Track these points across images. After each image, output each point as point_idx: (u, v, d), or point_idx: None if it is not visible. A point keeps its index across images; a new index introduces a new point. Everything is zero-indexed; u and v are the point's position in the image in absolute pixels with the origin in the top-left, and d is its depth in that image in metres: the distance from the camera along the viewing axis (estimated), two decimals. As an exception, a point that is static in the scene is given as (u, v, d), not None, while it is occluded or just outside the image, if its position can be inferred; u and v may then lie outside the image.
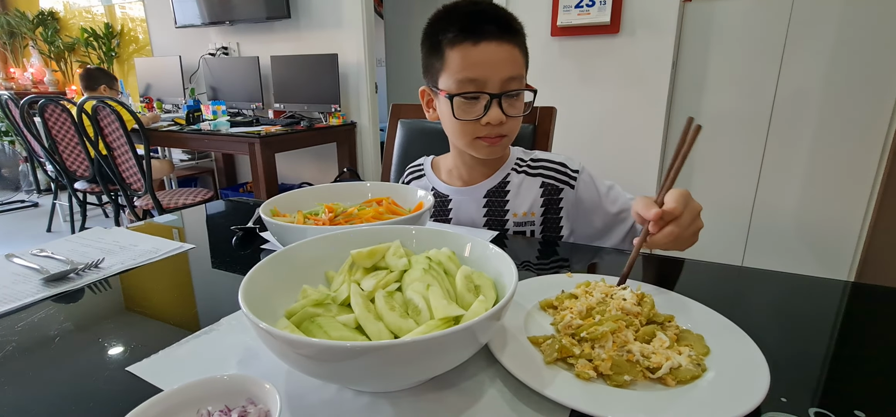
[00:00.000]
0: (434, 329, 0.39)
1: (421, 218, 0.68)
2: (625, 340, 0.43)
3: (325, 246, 0.53)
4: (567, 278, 0.60)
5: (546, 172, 0.92)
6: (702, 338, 0.46)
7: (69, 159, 2.81)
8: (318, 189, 0.81)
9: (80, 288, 0.63)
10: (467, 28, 0.79)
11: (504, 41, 0.79)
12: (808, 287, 0.64)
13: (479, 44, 0.78)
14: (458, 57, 0.80)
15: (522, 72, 0.83)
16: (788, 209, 2.30)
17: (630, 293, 0.50)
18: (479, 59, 0.78)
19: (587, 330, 0.44)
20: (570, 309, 0.49)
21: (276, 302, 0.45)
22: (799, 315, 0.56)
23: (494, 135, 0.84)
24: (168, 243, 0.77)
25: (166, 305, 0.59)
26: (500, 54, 0.79)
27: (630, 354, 0.41)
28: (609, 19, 2.28)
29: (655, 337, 0.44)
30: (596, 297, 0.50)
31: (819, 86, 2.12)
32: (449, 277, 0.47)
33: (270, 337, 0.34)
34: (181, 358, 0.46)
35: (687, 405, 0.37)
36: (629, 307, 0.47)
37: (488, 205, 0.93)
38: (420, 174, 1.04)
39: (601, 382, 0.40)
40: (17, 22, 4.57)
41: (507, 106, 0.81)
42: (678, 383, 0.39)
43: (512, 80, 0.80)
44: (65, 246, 0.76)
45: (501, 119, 0.81)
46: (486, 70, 0.79)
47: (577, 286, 0.55)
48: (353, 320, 0.41)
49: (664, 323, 0.48)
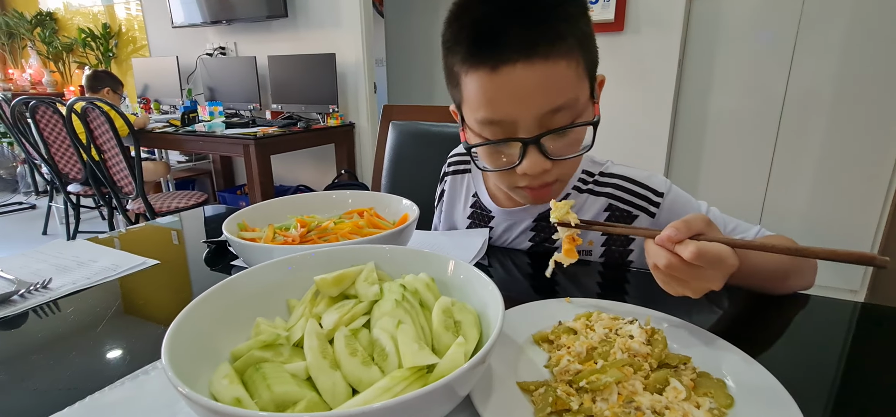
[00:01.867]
0: (400, 381, 0.32)
1: (403, 233, 0.61)
2: (632, 391, 0.36)
3: (284, 271, 0.46)
4: (566, 304, 0.52)
5: (616, 192, 0.70)
6: (723, 385, 0.38)
7: (61, 161, 2.76)
8: (293, 199, 0.74)
9: (23, 312, 0.56)
10: (481, 45, 0.54)
11: (537, 58, 0.52)
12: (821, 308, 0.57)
13: (498, 70, 0.53)
14: (474, 88, 0.56)
15: (575, 95, 0.55)
16: (799, 212, 2.21)
17: (638, 329, 0.43)
18: (502, 93, 0.54)
19: (587, 378, 0.37)
20: (567, 349, 0.42)
21: (225, 340, 0.39)
22: (813, 342, 0.49)
23: (538, 184, 0.61)
24: (130, 259, 0.71)
25: (108, 335, 0.52)
26: (531, 82, 0.53)
27: (639, 413, 0.34)
28: (613, 17, 2.21)
29: (669, 386, 0.37)
30: (598, 334, 0.43)
31: (831, 85, 2.04)
32: (425, 310, 0.41)
33: (190, 402, 0.28)
34: (109, 406, 0.39)
35: None
36: (637, 347, 0.40)
37: (536, 231, 0.74)
38: (465, 168, 0.84)
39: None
40: (16, 22, 4.54)
41: (554, 147, 0.57)
42: None
43: (555, 114, 0.55)
44: (17, 262, 0.70)
45: (544, 167, 0.57)
46: (513, 107, 0.54)
47: (576, 318, 0.47)
48: (305, 369, 0.34)
49: (679, 366, 0.40)
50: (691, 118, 2.33)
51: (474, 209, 0.81)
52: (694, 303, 0.53)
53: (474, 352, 0.36)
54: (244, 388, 0.33)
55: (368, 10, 2.96)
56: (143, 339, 0.51)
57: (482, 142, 0.59)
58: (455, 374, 0.29)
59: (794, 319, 0.54)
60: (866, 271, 2.13)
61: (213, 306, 0.40)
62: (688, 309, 0.52)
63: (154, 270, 0.69)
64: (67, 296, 0.60)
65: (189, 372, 0.32)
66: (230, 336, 0.40)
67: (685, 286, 0.44)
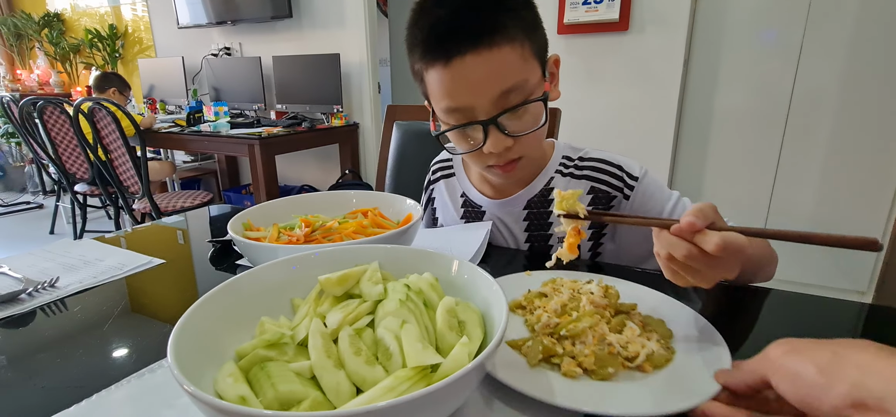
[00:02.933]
0: (404, 381, 0.32)
1: (407, 232, 0.61)
2: (602, 333, 0.44)
3: (288, 270, 0.46)
4: (527, 277, 0.59)
5: (596, 174, 0.74)
6: (664, 322, 0.48)
7: (68, 161, 2.78)
8: (298, 199, 0.74)
9: (31, 310, 0.57)
10: (432, 43, 0.61)
11: (482, 48, 0.58)
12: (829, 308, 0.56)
13: (451, 62, 0.59)
14: (434, 81, 0.63)
15: (523, 77, 0.61)
16: (806, 212, 2.20)
17: (596, 286, 0.51)
18: (456, 83, 0.60)
19: (566, 327, 0.45)
20: (543, 309, 0.49)
21: (230, 338, 0.39)
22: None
23: (504, 161, 0.67)
24: (136, 258, 0.71)
25: (114, 334, 0.52)
26: (481, 69, 0.59)
27: (611, 347, 0.42)
28: (618, 16, 2.20)
29: (626, 327, 0.45)
30: (565, 295, 0.51)
31: (838, 84, 2.02)
32: (429, 310, 0.41)
33: (195, 400, 0.28)
34: (115, 404, 0.39)
35: (677, 386, 0.39)
36: (599, 300, 0.48)
37: (530, 219, 0.77)
38: (449, 173, 0.88)
39: (585, 378, 0.41)
40: (24, 24, 4.58)
41: (513, 125, 0.63)
42: (654, 368, 0.41)
43: (508, 95, 0.61)
44: (25, 261, 0.70)
45: (506, 144, 0.63)
46: (468, 94, 0.61)
47: (543, 285, 0.55)
48: (309, 368, 0.34)
49: (630, 312, 0.49)
50: (697, 117, 2.32)
51: (466, 208, 0.84)
52: (699, 306, 0.52)
53: (479, 352, 0.36)
54: (249, 387, 0.33)
55: (372, 10, 2.96)
56: (149, 338, 0.51)
57: (448, 128, 0.66)
58: (458, 374, 0.29)
59: (801, 320, 0.54)
60: (874, 272, 2.11)
61: (219, 305, 0.40)
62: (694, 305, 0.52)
63: (160, 269, 0.69)
64: (74, 295, 0.60)
65: (194, 371, 0.32)
66: (235, 335, 0.40)
67: (699, 277, 0.44)
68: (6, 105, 3.00)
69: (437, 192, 0.90)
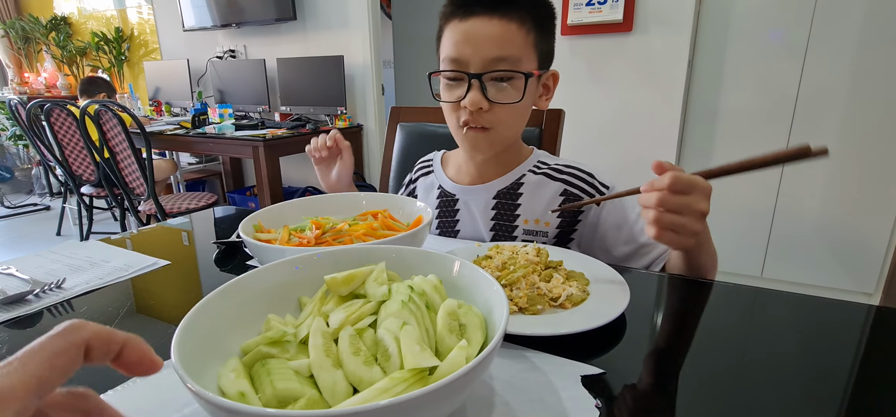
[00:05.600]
0: (400, 382, 0.32)
1: (418, 235, 0.62)
2: (533, 281, 0.55)
3: (294, 270, 0.46)
4: (477, 247, 0.68)
5: (571, 180, 0.81)
6: (583, 274, 0.59)
7: (75, 163, 2.81)
8: (309, 201, 0.75)
9: (38, 311, 0.58)
10: (459, 2, 0.72)
11: (495, 15, 0.69)
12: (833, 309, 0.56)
13: (467, 18, 0.71)
14: (448, 33, 0.73)
15: (518, 54, 0.70)
16: (812, 214, 2.18)
17: (531, 248, 0.61)
18: (464, 36, 0.71)
19: (506, 277, 0.55)
20: (488, 266, 0.59)
21: (236, 336, 0.39)
22: (828, 345, 0.48)
23: (477, 124, 0.74)
24: (142, 259, 0.72)
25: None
26: (487, 30, 0.69)
27: (539, 290, 0.54)
28: (621, 17, 2.20)
29: (553, 278, 0.56)
30: (506, 255, 0.61)
31: (844, 83, 2.01)
32: (431, 312, 0.41)
33: (196, 396, 0.28)
34: (121, 404, 0.40)
35: (583, 316, 0.50)
36: (532, 258, 0.59)
37: (498, 208, 0.83)
38: (428, 170, 0.95)
39: (520, 314, 0.51)
40: (32, 27, 4.62)
41: (493, 92, 0.72)
42: (573, 305, 0.53)
43: (499, 61, 0.70)
44: (32, 263, 0.71)
45: (480, 104, 0.71)
46: (469, 48, 0.70)
47: (490, 249, 0.65)
48: (308, 366, 0.34)
49: (557, 266, 0.60)
50: (702, 117, 2.31)
51: (440, 199, 0.90)
52: (696, 307, 0.52)
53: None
54: (250, 382, 0.33)
55: (376, 12, 2.97)
56: (154, 338, 0.52)
57: (442, 71, 0.75)
58: (451, 377, 0.28)
59: (808, 322, 0.54)
60: (881, 273, 2.10)
61: (224, 303, 0.40)
62: (691, 311, 0.52)
63: (165, 270, 0.70)
64: (81, 296, 0.61)
65: (198, 368, 0.32)
66: (242, 332, 0.40)
67: (681, 220, 0.53)
68: (14, 108, 3.04)
69: (418, 188, 0.98)
